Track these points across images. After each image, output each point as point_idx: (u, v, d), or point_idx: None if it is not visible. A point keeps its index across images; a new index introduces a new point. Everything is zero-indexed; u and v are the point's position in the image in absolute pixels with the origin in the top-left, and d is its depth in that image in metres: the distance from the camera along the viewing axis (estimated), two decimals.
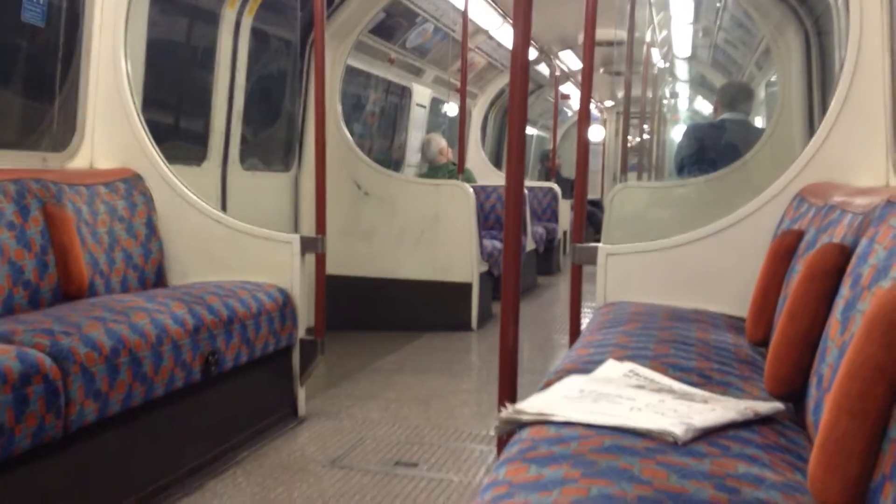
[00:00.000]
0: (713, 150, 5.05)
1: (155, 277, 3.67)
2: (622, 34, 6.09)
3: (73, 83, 3.73)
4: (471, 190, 5.89)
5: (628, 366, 2.07)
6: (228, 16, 4.93)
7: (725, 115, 5.08)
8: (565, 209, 10.12)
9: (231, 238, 3.72)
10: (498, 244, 6.61)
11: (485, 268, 6.11)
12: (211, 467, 3.11)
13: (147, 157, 3.78)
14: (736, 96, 5.20)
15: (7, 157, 3.41)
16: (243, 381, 3.35)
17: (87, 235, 3.35)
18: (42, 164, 3.55)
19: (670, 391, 1.90)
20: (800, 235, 2.54)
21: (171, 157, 3.94)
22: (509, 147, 2.35)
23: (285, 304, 3.57)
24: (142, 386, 2.65)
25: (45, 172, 3.36)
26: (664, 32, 9.02)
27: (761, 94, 7.33)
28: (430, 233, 5.78)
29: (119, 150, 3.79)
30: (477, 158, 9.69)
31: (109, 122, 3.78)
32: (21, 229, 3.03)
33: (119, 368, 2.54)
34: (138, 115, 3.78)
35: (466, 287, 5.86)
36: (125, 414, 2.62)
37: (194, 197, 3.79)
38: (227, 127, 5.03)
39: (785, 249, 2.56)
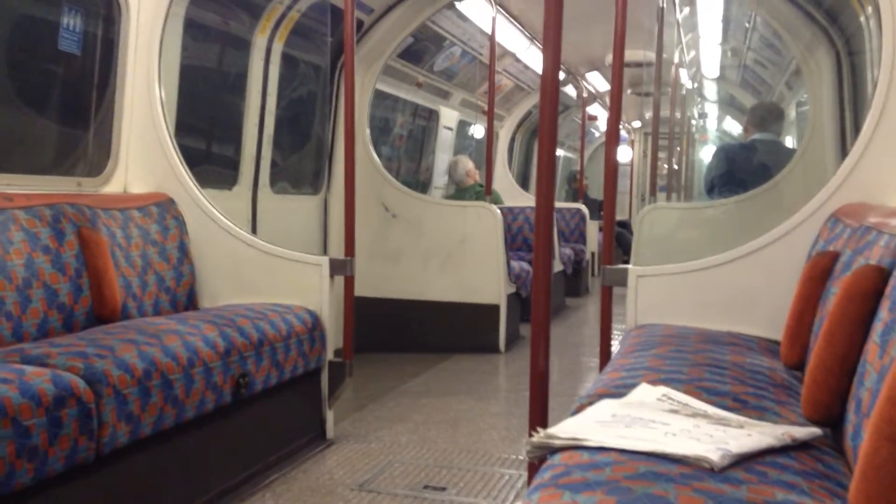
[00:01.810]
0: (744, 170, 5.01)
1: (186, 300, 3.71)
2: (650, 55, 6.08)
3: (108, 109, 3.80)
4: (498, 211, 5.89)
5: (661, 390, 2.05)
6: (259, 42, 5.00)
7: (756, 136, 5.05)
8: (593, 230, 10.08)
9: (261, 260, 3.75)
10: (526, 265, 6.59)
11: (512, 289, 6.09)
12: (240, 490, 3.11)
13: (180, 181, 3.84)
14: (766, 116, 5.17)
15: (43, 182, 3.48)
16: (272, 404, 3.36)
17: (121, 259, 3.39)
18: (77, 188, 3.61)
19: (705, 416, 1.87)
20: (835, 257, 2.51)
21: (203, 181, 4.00)
22: (539, 169, 2.35)
23: (314, 327, 3.58)
24: (173, 408, 2.66)
25: (80, 197, 3.42)
26: (692, 53, 9.00)
27: (792, 114, 7.27)
28: (458, 254, 5.79)
29: (152, 175, 3.85)
30: (504, 180, 9.70)
31: (143, 148, 3.84)
32: (56, 253, 3.08)
33: (151, 391, 2.56)
34: (171, 140, 3.84)
35: (494, 309, 5.84)
36: (157, 436, 2.63)
37: (225, 220, 3.83)
38: (257, 151, 5.09)
39: (820, 271, 2.52)
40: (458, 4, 6.34)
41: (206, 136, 5.09)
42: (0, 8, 3.46)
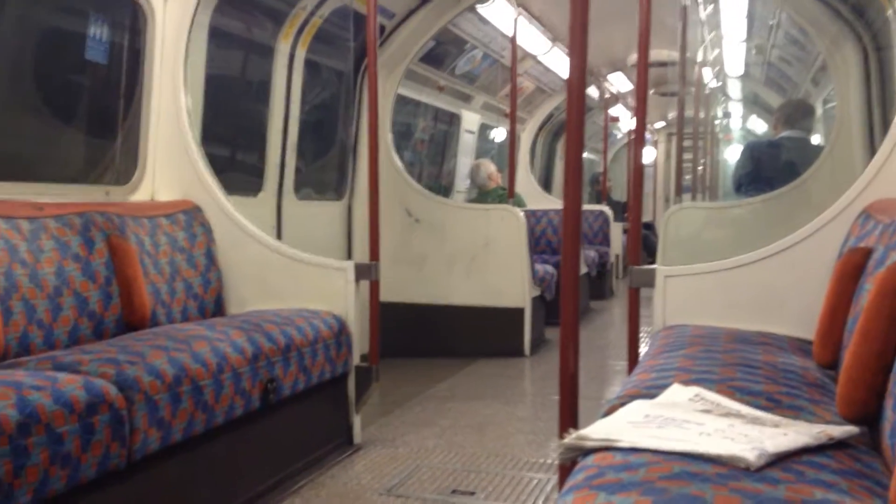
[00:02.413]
0: (771, 168, 4.96)
1: (214, 306, 3.73)
2: (674, 54, 6.05)
3: (135, 118, 3.84)
4: (521, 214, 5.87)
5: (694, 390, 2.02)
6: (283, 49, 5.03)
7: (784, 133, 5.00)
8: (617, 232, 10.01)
9: (287, 266, 3.77)
10: (550, 268, 6.56)
11: (537, 292, 6.06)
12: (269, 496, 3.12)
13: (206, 189, 3.86)
14: (793, 113, 5.12)
15: (72, 191, 3.52)
16: (300, 409, 3.37)
17: (150, 266, 3.42)
18: (105, 197, 3.65)
19: (739, 415, 1.85)
20: (867, 253, 2.47)
21: (229, 188, 4.02)
22: (566, 172, 2.34)
23: (340, 331, 3.59)
24: (203, 414, 2.68)
25: (109, 205, 3.46)
26: (716, 51, 8.94)
27: (818, 111, 7.19)
28: (481, 258, 5.77)
29: (179, 183, 3.88)
30: (526, 183, 9.67)
31: (170, 156, 3.88)
32: (86, 261, 3.12)
33: (181, 397, 2.57)
34: (198, 148, 3.87)
35: (518, 312, 5.82)
36: (187, 442, 2.64)
37: (251, 227, 3.85)
38: (281, 158, 5.12)
39: (852, 268, 2.48)
40: (479, 7, 6.34)
41: (231, 144, 5.13)
42: (28, 20, 3.51)
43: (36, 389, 2.13)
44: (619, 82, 10.85)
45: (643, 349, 3.29)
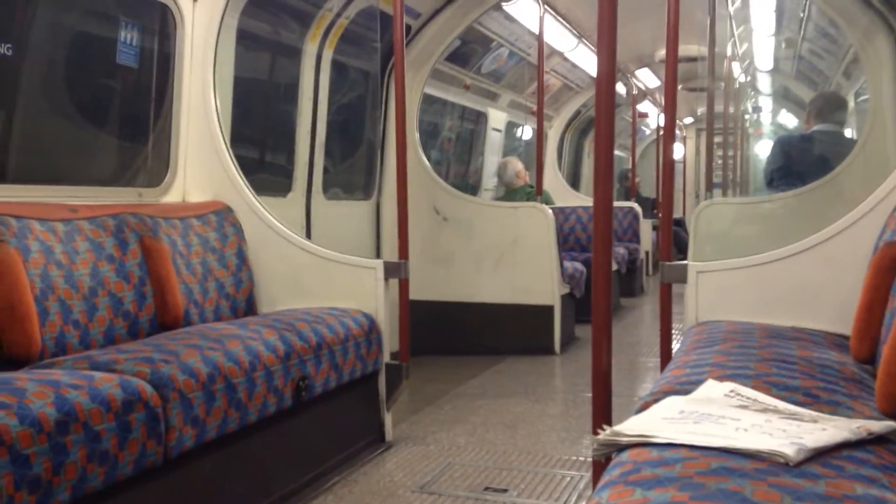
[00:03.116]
0: (803, 162, 4.89)
1: (246, 306, 3.76)
2: (702, 49, 5.99)
3: (166, 121, 3.89)
4: (550, 212, 5.85)
5: (729, 385, 2.00)
6: (310, 50, 5.06)
7: (816, 127, 4.93)
8: (646, 229, 9.94)
9: (317, 265, 3.79)
10: (579, 265, 6.53)
11: (566, 290, 6.04)
12: (302, 493, 3.14)
13: (236, 189, 3.90)
14: (824, 106, 5.04)
15: (106, 193, 3.57)
16: (332, 407, 3.39)
17: (182, 267, 3.46)
18: (138, 199, 3.70)
19: (776, 411, 1.83)
20: None
21: (259, 188, 4.06)
22: (596, 169, 2.33)
23: (371, 329, 3.60)
24: (237, 412, 2.70)
25: (142, 207, 3.50)
26: (745, 45, 8.83)
27: (850, 104, 7.07)
28: (510, 256, 5.76)
29: (210, 184, 3.92)
30: (554, 180, 9.64)
31: (200, 158, 3.92)
32: (120, 262, 3.16)
33: (215, 395, 2.60)
34: (228, 149, 3.90)
35: (548, 310, 5.80)
36: (221, 440, 2.67)
37: (282, 227, 3.88)
38: (310, 158, 5.15)
39: (889, 261, 2.45)
40: (504, 5, 6.33)
41: (261, 145, 5.17)
42: (60, 25, 3.56)
43: (73, 388, 2.16)
44: (647, 78, 10.78)
45: (675, 346, 3.27)
